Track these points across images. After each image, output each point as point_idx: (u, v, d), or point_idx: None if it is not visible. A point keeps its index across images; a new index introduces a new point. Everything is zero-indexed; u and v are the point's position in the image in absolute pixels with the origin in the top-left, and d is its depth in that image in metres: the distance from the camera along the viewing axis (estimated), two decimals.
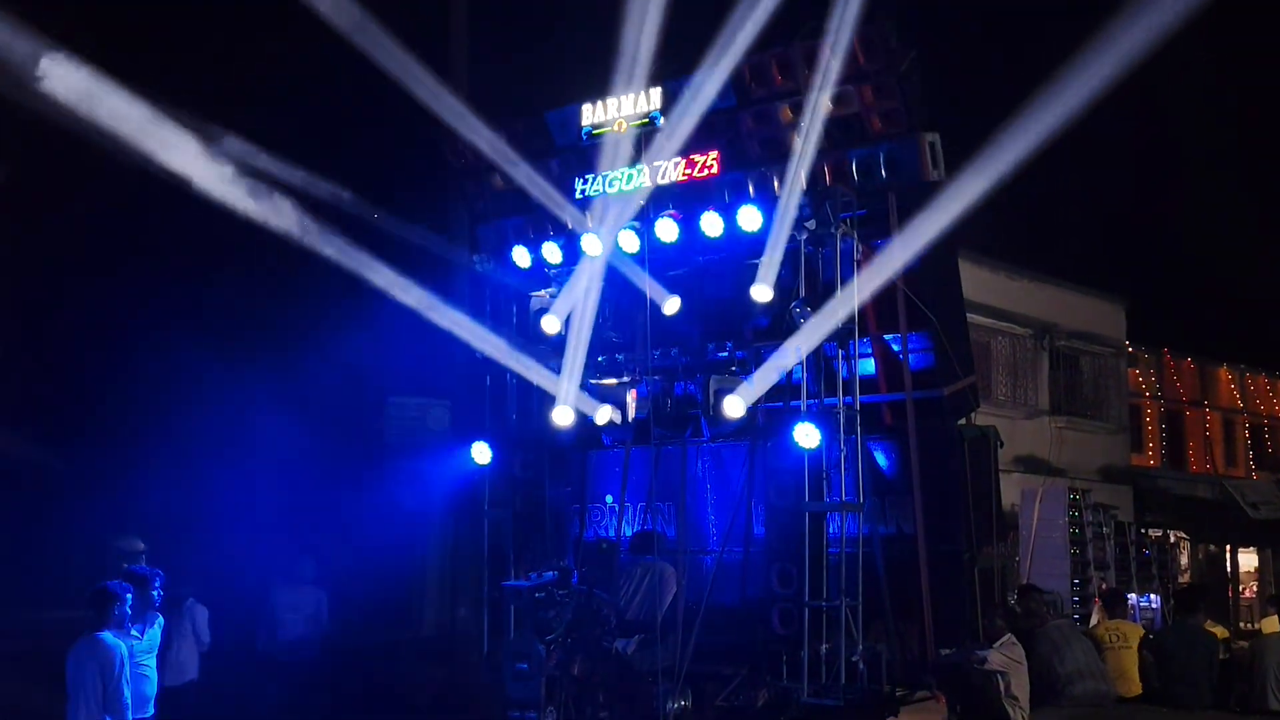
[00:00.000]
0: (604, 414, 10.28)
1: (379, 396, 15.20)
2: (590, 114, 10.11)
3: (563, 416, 10.25)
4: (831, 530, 8.98)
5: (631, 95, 9.87)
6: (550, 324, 10.32)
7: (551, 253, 10.34)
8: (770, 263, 9.46)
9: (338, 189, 10.01)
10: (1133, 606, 14.96)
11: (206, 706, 9.58)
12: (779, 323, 9.49)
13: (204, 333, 12.97)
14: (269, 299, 11.88)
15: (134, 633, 7.34)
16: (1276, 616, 11.61)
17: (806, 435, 8.79)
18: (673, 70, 9.77)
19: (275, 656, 10.63)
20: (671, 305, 9.91)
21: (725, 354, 9.81)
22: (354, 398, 14.57)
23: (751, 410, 9.63)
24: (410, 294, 10.87)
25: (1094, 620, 12.49)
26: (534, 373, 10.62)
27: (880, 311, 9.51)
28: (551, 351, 10.68)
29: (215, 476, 12.86)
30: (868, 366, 9.69)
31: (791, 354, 9.09)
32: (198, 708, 9.44)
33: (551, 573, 9.12)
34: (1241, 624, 21.32)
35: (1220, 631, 11.09)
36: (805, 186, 9.33)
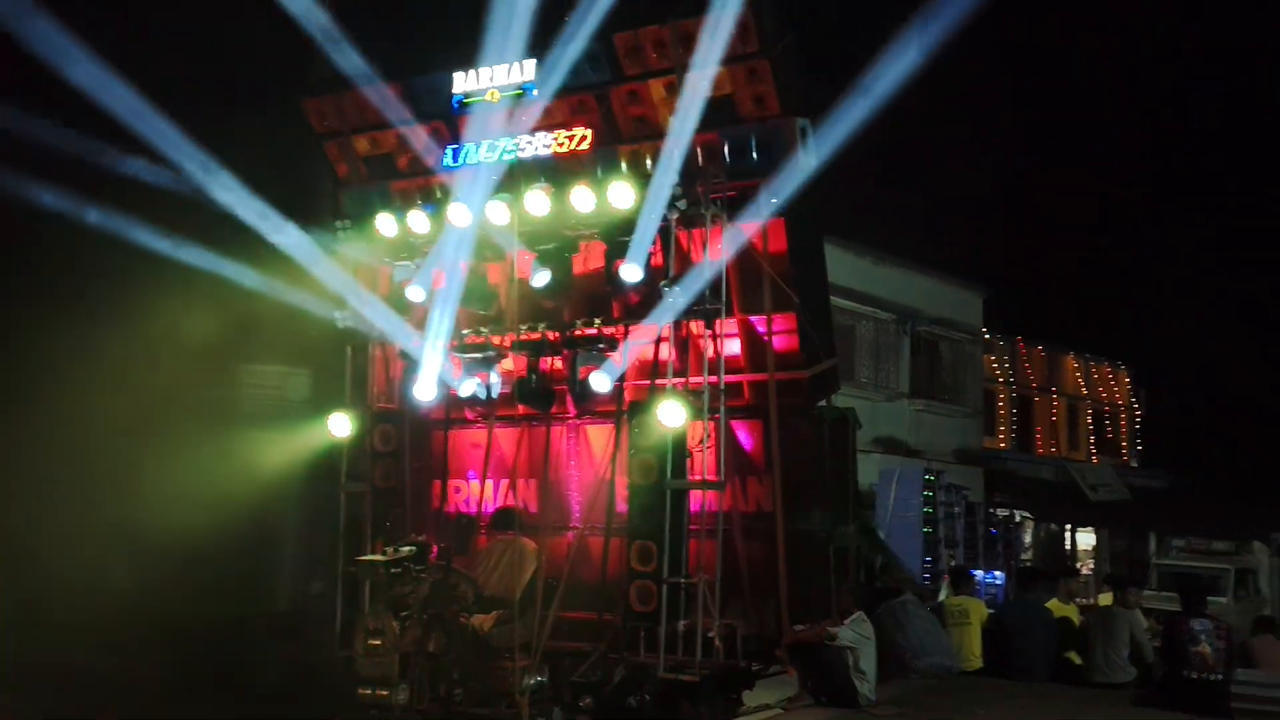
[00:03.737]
0: (468, 388, 10.14)
1: (236, 363, 14.71)
2: (462, 82, 9.89)
3: (425, 390, 10.08)
4: (693, 507, 9.06)
5: (505, 65, 9.69)
6: (414, 294, 10.09)
7: (418, 222, 10.10)
8: (640, 241, 9.45)
9: (188, 144, 9.56)
10: (978, 583, 15.64)
11: None
12: (647, 301, 9.50)
13: (45, 293, 12.29)
14: (117, 259, 11.28)
15: None
16: (1111, 594, 12.26)
17: (671, 413, 8.84)
18: (547, 42, 9.63)
19: None
20: (541, 278, 9.81)
21: (593, 330, 9.76)
22: (209, 364, 14.03)
23: (618, 388, 9.64)
24: (272, 258, 10.52)
25: (941, 595, 12.99)
26: (397, 344, 10.39)
27: (746, 293, 9.60)
28: (417, 323, 10.48)
29: (53, 443, 12.21)
30: (733, 347, 9.78)
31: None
32: None
33: (409, 547, 8.97)
34: (1078, 601, 22.46)
35: (1070, 610, 11.55)
36: (677, 166, 9.33)
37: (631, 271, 9.36)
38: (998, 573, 17.59)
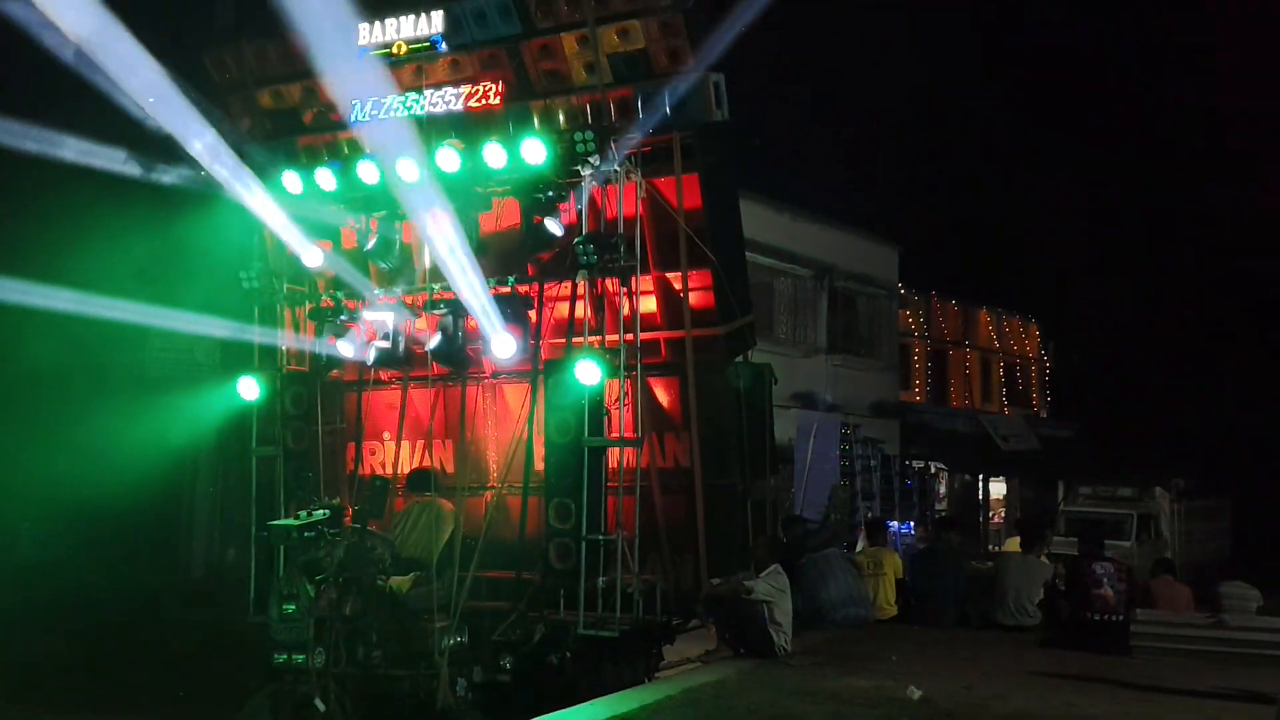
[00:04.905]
0: (380, 348, 9.96)
1: (144, 326, 14.26)
2: (367, 33, 9.62)
3: (343, 348, 9.91)
4: (611, 465, 9.06)
5: (412, 17, 9.45)
6: (312, 257, 9.84)
7: (325, 179, 9.84)
8: (554, 197, 9.34)
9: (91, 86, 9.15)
10: (894, 533, 15.97)
11: None
12: (562, 258, 9.42)
13: None
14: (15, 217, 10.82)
15: None
16: (1019, 539, 12.58)
17: (588, 372, 8.81)
18: None
19: None
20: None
21: (507, 289, 9.64)
22: (115, 327, 13.58)
23: (534, 346, 9.57)
24: (178, 215, 10.20)
25: (859, 547, 13.24)
26: (307, 304, 10.17)
27: (662, 249, 9.57)
28: (329, 281, 10.28)
29: None
30: (649, 304, 9.76)
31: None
32: None
33: (322, 511, 8.84)
34: (990, 547, 23.18)
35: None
36: (590, 121, 9.23)
37: (545, 228, 9.26)
38: (912, 523, 17.98)
